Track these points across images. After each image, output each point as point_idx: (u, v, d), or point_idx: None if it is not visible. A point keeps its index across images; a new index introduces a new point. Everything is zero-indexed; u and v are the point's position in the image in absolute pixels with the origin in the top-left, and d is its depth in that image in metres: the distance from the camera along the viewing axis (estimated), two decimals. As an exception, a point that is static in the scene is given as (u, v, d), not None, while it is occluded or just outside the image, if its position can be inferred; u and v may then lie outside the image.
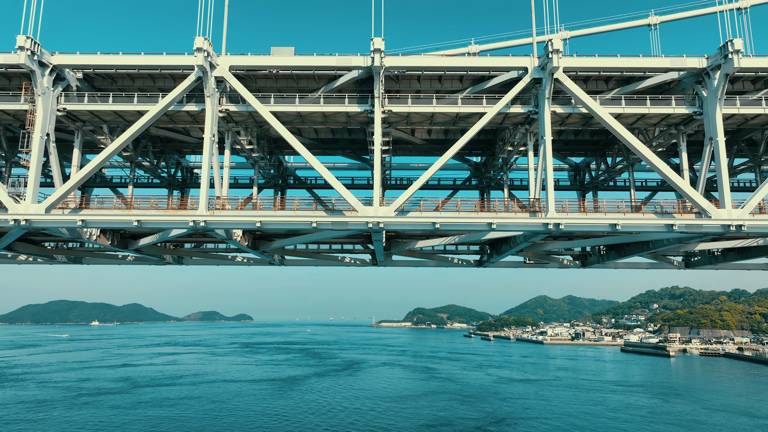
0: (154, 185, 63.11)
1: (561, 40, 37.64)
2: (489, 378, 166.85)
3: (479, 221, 38.13)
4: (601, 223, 37.84)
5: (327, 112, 42.29)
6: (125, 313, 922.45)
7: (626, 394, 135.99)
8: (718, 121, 38.56)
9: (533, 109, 41.25)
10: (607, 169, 56.57)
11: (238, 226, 39.76)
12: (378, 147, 40.63)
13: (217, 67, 40.41)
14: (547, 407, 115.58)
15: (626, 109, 40.95)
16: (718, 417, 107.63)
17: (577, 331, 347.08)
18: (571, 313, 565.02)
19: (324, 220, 38.25)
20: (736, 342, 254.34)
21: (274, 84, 45.40)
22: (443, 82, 45.11)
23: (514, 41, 64.50)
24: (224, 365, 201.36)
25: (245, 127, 45.84)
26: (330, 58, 40.90)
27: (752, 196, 37.90)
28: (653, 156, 38.30)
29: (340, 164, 65.29)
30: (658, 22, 65.82)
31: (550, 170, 38.92)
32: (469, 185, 62.21)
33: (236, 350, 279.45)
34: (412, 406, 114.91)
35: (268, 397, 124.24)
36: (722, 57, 38.11)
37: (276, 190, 61.90)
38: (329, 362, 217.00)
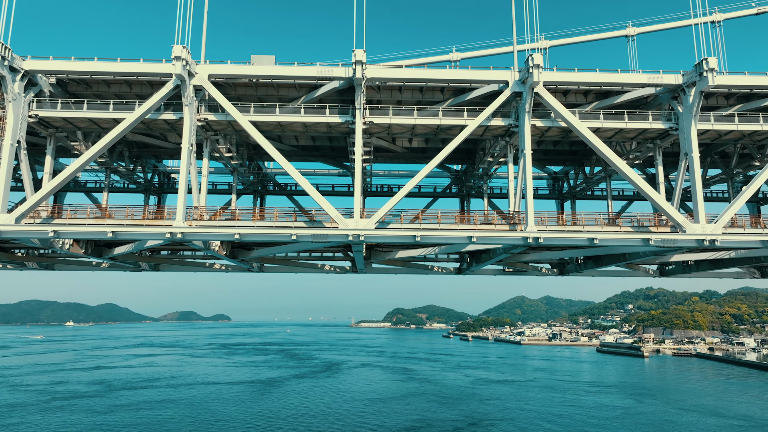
0: (130, 190, 61.89)
1: (541, 54, 37.88)
2: (467, 379, 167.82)
3: (459, 235, 38.22)
4: (580, 237, 38.25)
5: (308, 122, 41.91)
6: (99, 313, 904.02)
7: (601, 395, 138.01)
8: (693, 137, 39.32)
9: (513, 122, 41.51)
10: (585, 179, 57.27)
11: (217, 238, 39.20)
12: (359, 159, 40.43)
13: (195, 75, 39.74)
14: (524, 408, 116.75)
15: (604, 124, 41.48)
16: (689, 417, 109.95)
17: (554, 332, 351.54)
18: (549, 313, 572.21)
19: (304, 233, 37.91)
20: (707, 342, 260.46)
21: (254, 92, 44.85)
22: (425, 93, 45.11)
23: (496, 49, 64.91)
24: (202, 367, 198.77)
25: (224, 135, 45.21)
26: (311, 68, 40.55)
27: (725, 211, 38.72)
28: (631, 171, 38.89)
29: (321, 170, 64.99)
30: (636, 33, 66.94)
31: (530, 184, 39.21)
32: (450, 193, 62.41)
33: (214, 351, 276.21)
34: (392, 408, 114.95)
35: (248, 400, 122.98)
36: (697, 74, 38.87)
37: (255, 196, 61.26)
38: (309, 363, 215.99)
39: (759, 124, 41.81)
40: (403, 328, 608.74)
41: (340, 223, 38.16)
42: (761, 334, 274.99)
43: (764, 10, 67.66)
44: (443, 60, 64.42)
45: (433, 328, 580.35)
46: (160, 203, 61.94)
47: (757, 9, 67.68)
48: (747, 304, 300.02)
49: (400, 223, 41.03)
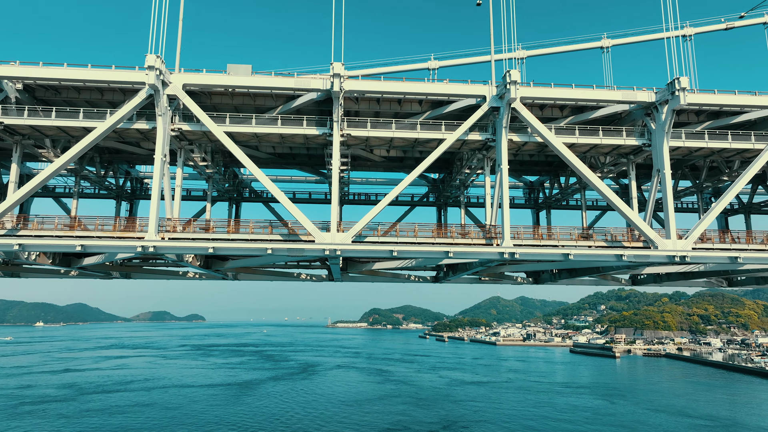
0: (101, 196, 60.42)
1: (518, 71, 38.12)
2: (442, 380, 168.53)
3: (436, 249, 38.25)
4: (555, 252, 38.66)
5: (285, 134, 41.39)
6: (69, 313, 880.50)
7: (573, 396, 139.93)
8: (665, 154, 40.08)
9: (491, 136, 41.71)
10: (561, 190, 58.02)
11: (190, 252, 38.44)
12: (336, 172, 40.12)
13: (169, 85, 38.90)
14: (498, 410, 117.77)
15: (580, 139, 42.00)
16: (657, 418, 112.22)
17: (528, 332, 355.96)
18: (523, 313, 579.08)
19: (280, 247, 37.44)
20: (676, 342, 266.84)
21: (230, 101, 44.16)
22: (403, 105, 45.05)
23: (474, 58, 65.21)
24: (176, 369, 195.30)
25: (199, 145, 44.39)
26: (288, 79, 40.04)
27: (695, 227, 39.61)
28: (605, 188, 39.47)
29: (298, 177, 64.40)
30: (610, 45, 68.04)
31: (506, 199, 39.46)
32: (427, 202, 62.53)
33: (188, 353, 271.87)
34: (368, 410, 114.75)
35: (224, 403, 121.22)
36: (670, 93, 39.63)
37: (231, 203, 60.43)
38: (285, 365, 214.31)
39: (728, 142, 42.87)
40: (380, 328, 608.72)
41: (316, 236, 37.80)
42: (727, 334, 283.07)
43: (732, 25, 69.53)
44: (421, 68, 64.54)
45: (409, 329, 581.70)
46: (132, 210, 60.60)
47: (726, 24, 69.55)
48: (714, 305, 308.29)
49: (377, 235, 40.86)
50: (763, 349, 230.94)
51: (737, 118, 44.31)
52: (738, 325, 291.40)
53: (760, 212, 62.41)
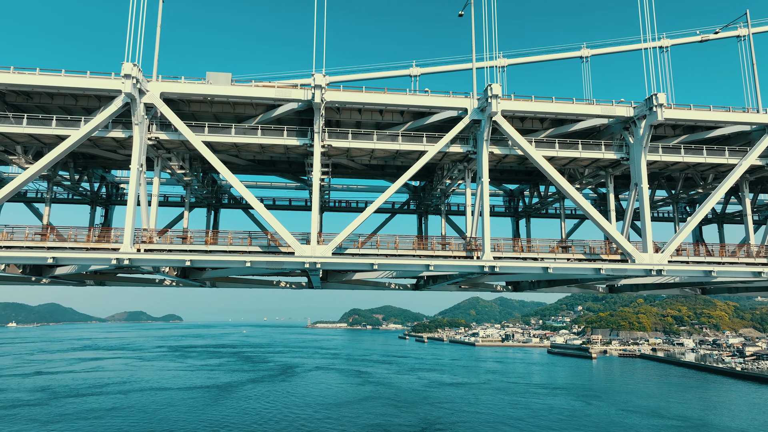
0: (75, 201, 59.02)
1: (499, 85, 38.24)
2: (421, 382, 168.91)
3: (417, 263, 38.21)
4: (535, 266, 38.95)
5: (265, 144, 40.87)
6: (41, 313, 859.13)
7: (550, 397, 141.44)
8: (642, 169, 40.67)
9: (472, 148, 41.81)
10: (540, 199, 58.52)
11: (167, 264, 37.71)
12: (316, 182, 39.77)
13: (146, 93, 38.09)
14: (475, 412, 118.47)
15: (559, 153, 42.37)
16: (632, 419, 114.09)
17: (507, 333, 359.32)
18: (502, 314, 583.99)
19: (259, 260, 36.98)
20: (651, 343, 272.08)
21: (209, 109, 43.45)
22: (384, 115, 44.90)
23: (455, 66, 65.34)
24: (153, 371, 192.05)
25: (176, 153, 43.59)
26: (269, 89, 39.55)
27: (671, 241, 40.28)
28: (584, 201, 39.87)
29: (278, 183, 63.80)
30: (590, 54, 68.89)
31: (487, 211, 39.59)
32: (408, 209, 62.49)
33: (165, 354, 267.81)
34: (347, 413, 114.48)
35: (202, 406, 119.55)
36: (647, 109, 40.22)
37: (209, 210, 59.52)
38: (263, 366, 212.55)
39: (702, 157, 43.72)
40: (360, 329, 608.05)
41: (296, 249, 37.42)
42: (699, 335, 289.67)
43: (707, 38, 70.96)
44: (403, 75, 64.50)
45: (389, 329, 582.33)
46: (107, 216, 59.34)
47: (701, 37, 70.98)
48: (687, 306, 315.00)
49: (358, 247, 40.62)
50: (734, 349, 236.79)
51: (712, 132, 45.18)
52: (710, 325, 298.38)
53: (732, 222, 63.82)
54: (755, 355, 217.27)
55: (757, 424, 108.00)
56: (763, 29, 67.28)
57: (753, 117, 43.44)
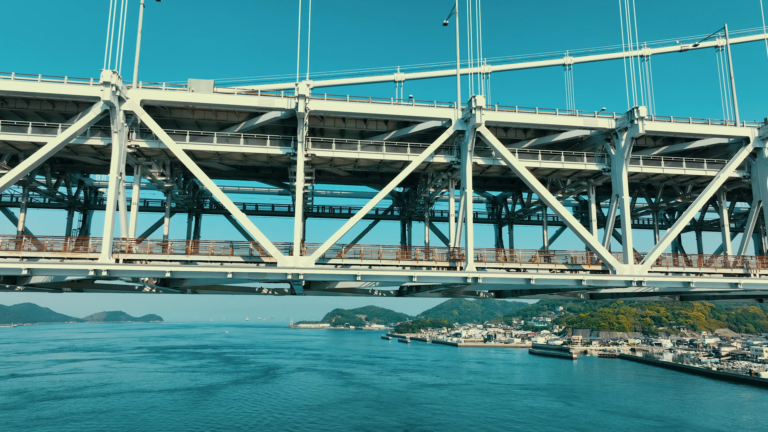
0: (52, 206, 57.75)
1: (483, 97, 38.36)
2: (403, 383, 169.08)
3: (400, 274, 38.14)
4: (518, 277, 39.16)
5: (247, 152, 40.42)
6: (16, 313, 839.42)
7: (531, 397, 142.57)
8: (624, 180, 41.12)
9: (456, 159, 41.87)
10: (523, 206, 58.89)
11: (146, 275, 37.07)
12: (300, 191, 39.42)
13: (126, 101, 37.38)
14: (457, 413, 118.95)
15: (542, 164, 42.67)
16: (611, 419, 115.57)
17: (489, 333, 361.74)
18: (485, 314, 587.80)
19: (240, 271, 36.53)
20: (630, 343, 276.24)
21: (191, 116, 42.84)
22: (368, 123, 44.74)
23: (439, 72, 65.31)
24: (133, 373, 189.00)
25: (157, 161, 42.90)
26: (251, 98, 39.10)
27: (651, 252, 40.83)
28: (567, 213, 40.17)
29: (260, 189, 63.21)
30: (572, 62, 69.56)
31: (470, 222, 39.66)
32: (391, 215, 62.40)
33: (146, 355, 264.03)
34: (330, 415, 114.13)
35: (184, 409, 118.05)
36: (629, 121, 40.68)
37: (190, 215, 58.75)
38: (245, 368, 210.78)
39: (682, 168, 44.41)
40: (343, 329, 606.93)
41: (279, 259, 37.06)
42: (676, 335, 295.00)
43: (686, 47, 72.13)
44: (388, 80, 64.35)
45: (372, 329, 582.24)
46: (85, 221, 58.22)
47: (680, 46, 72.15)
48: (665, 307, 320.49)
49: (341, 257, 40.38)
50: (710, 349, 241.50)
51: (691, 144, 45.90)
52: (687, 326, 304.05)
53: (710, 229, 64.99)
54: (730, 355, 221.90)
55: (732, 424, 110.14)
56: (740, 40, 68.63)
57: (730, 130, 44.24)
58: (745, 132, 43.94)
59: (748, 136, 43.85)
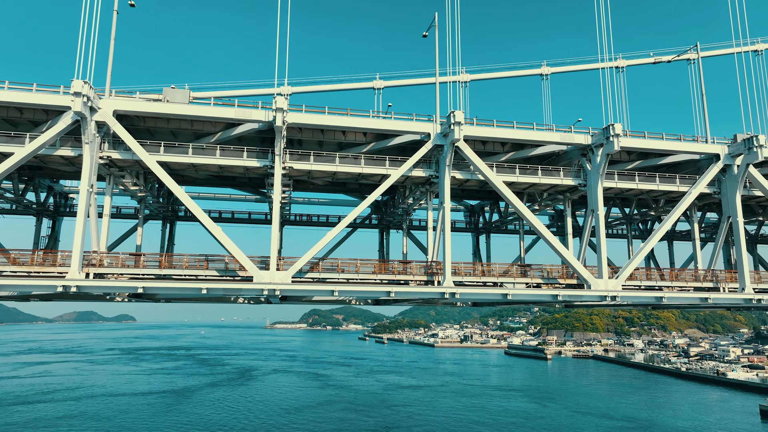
0: (19, 213, 56.04)
1: (462, 112, 38.42)
2: (380, 385, 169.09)
3: (378, 289, 38.00)
4: (495, 292, 39.40)
5: (224, 164, 39.76)
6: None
7: (505, 399, 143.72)
8: (599, 196, 41.69)
9: (434, 173, 41.90)
10: (500, 216, 59.33)
11: (118, 291, 36.16)
12: (277, 204, 38.96)
13: (98, 111, 36.38)
14: (432, 414, 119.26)
15: (520, 178, 42.99)
16: (584, 420, 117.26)
17: (465, 334, 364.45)
18: (461, 314, 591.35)
19: (215, 287, 35.93)
20: (603, 344, 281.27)
21: (166, 125, 41.91)
22: (347, 135, 44.42)
23: (418, 80, 65.50)
24: (106, 375, 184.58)
25: (130, 171, 41.90)
26: (228, 109, 38.47)
27: (625, 267, 41.52)
28: (544, 229, 40.55)
29: (237, 195, 62.42)
30: (550, 72, 70.51)
31: (448, 237, 39.75)
32: (369, 224, 62.20)
33: (118, 357, 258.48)
34: (306, 418, 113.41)
35: (159, 413, 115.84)
36: (605, 138, 41.25)
37: (165, 222, 57.66)
38: (221, 370, 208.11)
39: (655, 184, 45.27)
40: (320, 329, 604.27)
41: (255, 275, 36.56)
42: (648, 335, 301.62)
43: (660, 60, 73.69)
44: (367, 87, 64.25)
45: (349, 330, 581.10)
46: (54, 228, 56.64)
47: (654, 59, 73.71)
48: (637, 309, 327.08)
49: (318, 271, 40.03)
50: (679, 350, 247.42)
51: (664, 159, 46.80)
52: (658, 326, 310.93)
53: (681, 239, 66.44)
54: (699, 355, 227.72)
55: (699, 424, 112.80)
56: (711, 53, 70.36)
57: (701, 147, 45.24)
58: (715, 149, 44.98)
59: (718, 153, 44.89)
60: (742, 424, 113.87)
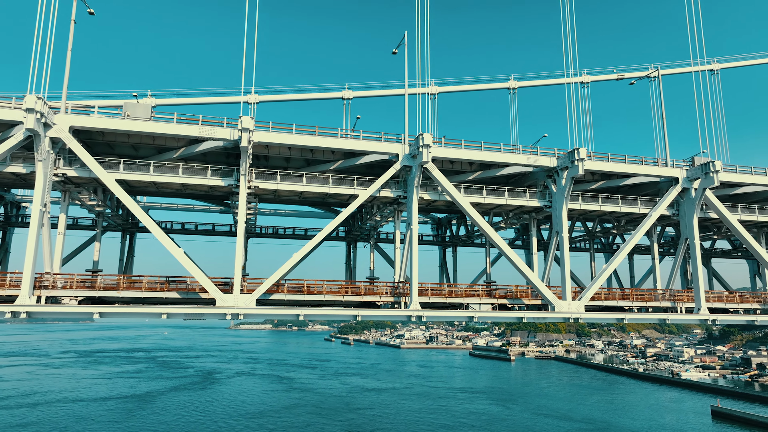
0: (-33, 223, 53.30)
1: (431, 134, 38.36)
2: (344, 387, 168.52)
3: (344, 313, 37.61)
4: (461, 315, 39.55)
5: (186, 183, 38.59)
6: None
7: (469, 401, 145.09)
8: (564, 218, 42.34)
9: (402, 193, 41.75)
10: (467, 231, 59.72)
11: (71, 317, 34.65)
12: (241, 225, 38.04)
13: (53, 126, 34.73)
14: (395, 417, 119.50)
15: (487, 200, 43.30)
16: (545, 422, 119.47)
17: (431, 335, 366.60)
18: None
19: (176, 312, 34.85)
20: (565, 345, 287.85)
21: (126, 140, 40.37)
22: (315, 152, 43.80)
23: (387, 91, 65.36)
24: (62, 380, 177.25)
25: (87, 187, 40.25)
26: (192, 127, 37.32)
27: (587, 289, 42.31)
28: (510, 251, 40.90)
29: (201, 206, 60.90)
30: (517, 86, 71.55)
31: (416, 259, 39.65)
32: (337, 236, 61.63)
33: (75, 360, 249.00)
34: (271, 423, 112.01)
35: (120, 419, 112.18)
36: (569, 162, 41.90)
37: (124, 234, 55.73)
38: (184, 373, 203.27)
39: (618, 206, 46.35)
40: (285, 330, 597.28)
41: (218, 299, 35.62)
42: (608, 336, 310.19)
43: (623, 76, 75.64)
44: (335, 97, 63.77)
45: (315, 330, 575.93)
46: (5, 240, 54.04)
47: (617, 75, 75.63)
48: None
49: (284, 292, 39.30)
50: (637, 350, 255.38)
51: (626, 180, 47.91)
52: (617, 327, 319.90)
53: (641, 253, 68.30)
54: (655, 356, 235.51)
55: (654, 425, 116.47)
56: (671, 71, 72.56)
57: (662, 171, 46.50)
58: (674, 172, 46.31)
59: (677, 177, 46.23)
60: (694, 424, 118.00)
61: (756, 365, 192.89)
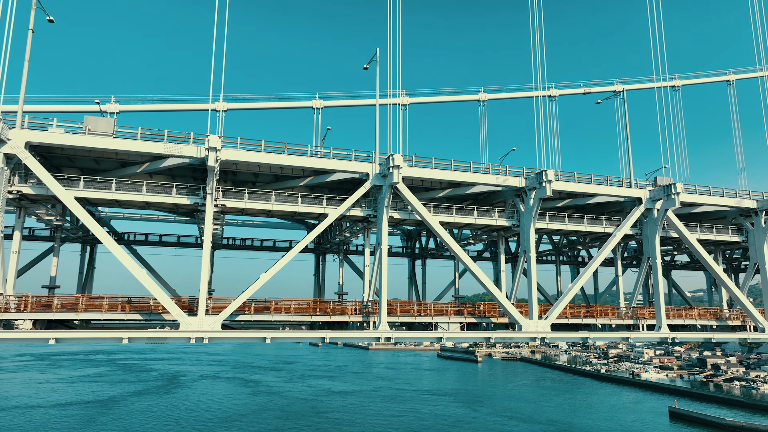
0: None
1: (401, 155, 38.28)
2: (311, 390, 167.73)
3: (313, 335, 37.20)
4: (429, 336, 39.66)
5: (150, 201, 37.46)
6: None
7: (435, 404, 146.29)
8: (531, 237, 42.91)
9: (372, 212, 41.56)
10: (437, 244, 60.00)
11: (27, 342, 33.23)
12: (207, 245, 37.20)
13: (7, 142, 33.20)
14: (362, 421, 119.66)
15: (456, 219, 43.54)
16: (510, 424, 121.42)
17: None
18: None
19: (138, 336, 33.84)
20: (530, 345, 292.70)
21: (87, 154, 38.90)
22: (284, 168, 43.14)
23: (359, 101, 65.12)
24: (18, 385, 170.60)
25: (44, 204, 38.67)
26: (157, 144, 36.22)
27: (553, 308, 43.04)
28: (480, 272, 41.22)
29: (166, 216, 59.41)
30: (487, 99, 72.36)
31: (385, 281, 39.55)
32: (306, 249, 61.02)
33: (32, 364, 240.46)
34: (239, 427, 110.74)
35: (80, 425, 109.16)
36: (537, 183, 42.48)
37: (84, 246, 53.86)
38: (146, 376, 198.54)
39: (583, 225, 47.31)
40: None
41: (182, 322, 34.71)
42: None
43: (590, 90, 77.35)
44: (306, 106, 63.19)
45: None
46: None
47: (584, 89, 77.30)
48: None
49: (251, 313, 38.58)
50: (599, 351, 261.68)
51: (592, 199, 48.92)
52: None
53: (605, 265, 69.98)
54: (617, 356, 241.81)
55: (614, 426, 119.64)
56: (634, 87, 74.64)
57: (625, 191, 47.67)
58: (638, 193, 47.50)
59: (640, 197, 47.44)
60: (652, 425, 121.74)
61: (711, 366, 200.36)
